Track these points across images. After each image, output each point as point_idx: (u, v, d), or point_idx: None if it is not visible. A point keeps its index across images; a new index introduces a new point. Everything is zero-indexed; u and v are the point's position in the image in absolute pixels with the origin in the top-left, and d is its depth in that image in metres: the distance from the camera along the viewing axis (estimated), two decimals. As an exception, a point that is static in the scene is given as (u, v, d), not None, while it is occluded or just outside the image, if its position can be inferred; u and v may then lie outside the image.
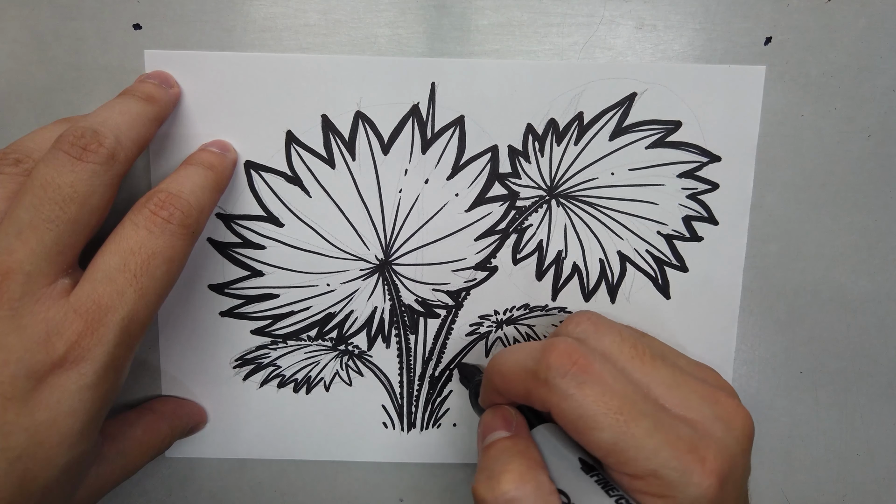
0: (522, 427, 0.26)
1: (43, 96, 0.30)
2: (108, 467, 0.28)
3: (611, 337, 0.26)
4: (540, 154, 0.31)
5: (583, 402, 0.23)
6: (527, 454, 0.25)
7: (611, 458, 0.23)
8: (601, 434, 0.22)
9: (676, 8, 0.30)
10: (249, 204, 0.31)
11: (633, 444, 0.22)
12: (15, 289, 0.22)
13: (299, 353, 0.33)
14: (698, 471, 0.22)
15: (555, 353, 0.24)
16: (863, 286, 0.33)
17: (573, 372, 0.23)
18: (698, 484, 0.22)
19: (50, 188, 0.23)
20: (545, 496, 0.23)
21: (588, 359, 0.24)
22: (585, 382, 0.23)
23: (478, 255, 0.32)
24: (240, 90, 0.30)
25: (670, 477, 0.22)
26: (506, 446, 0.25)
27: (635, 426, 0.22)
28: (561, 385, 0.23)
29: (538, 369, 0.24)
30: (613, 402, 0.23)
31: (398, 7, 0.30)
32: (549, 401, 0.24)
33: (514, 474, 0.23)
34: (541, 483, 0.23)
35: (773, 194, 0.32)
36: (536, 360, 0.24)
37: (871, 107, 0.31)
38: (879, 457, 0.35)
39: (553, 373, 0.23)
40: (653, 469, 0.22)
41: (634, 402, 0.23)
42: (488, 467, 0.24)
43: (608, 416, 0.22)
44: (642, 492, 0.23)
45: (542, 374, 0.24)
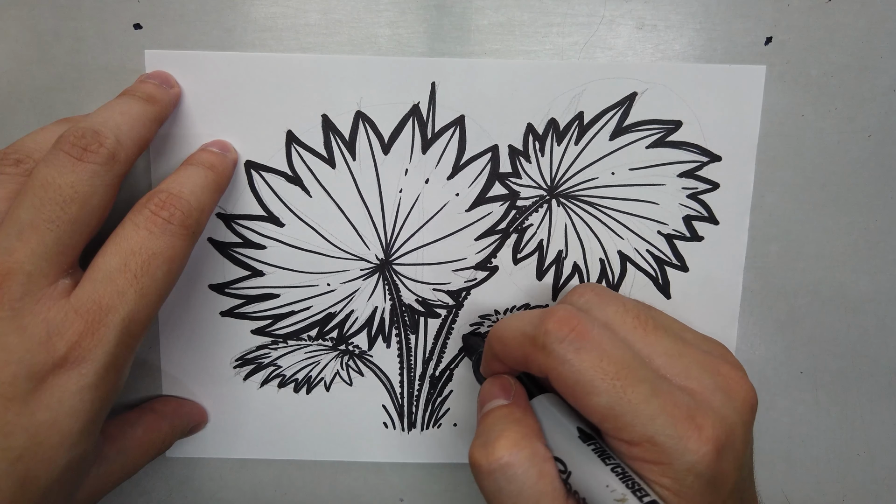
0: (521, 396, 0.26)
1: (43, 96, 0.30)
2: (109, 467, 0.28)
3: (614, 307, 0.26)
4: (540, 154, 0.31)
5: (580, 367, 0.23)
6: (523, 422, 0.25)
7: (607, 423, 0.23)
8: (598, 399, 0.22)
9: (677, 8, 0.30)
10: (250, 204, 0.31)
11: (629, 410, 0.22)
12: (16, 289, 0.22)
13: (300, 352, 0.33)
14: (695, 438, 0.22)
15: (553, 319, 0.24)
16: (863, 286, 0.33)
17: (571, 338, 0.23)
18: (695, 451, 0.22)
19: (51, 189, 0.23)
20: (540, 463, 0.23)
21: (586, 325, 0.24)
22: (583, 348, 0.23)
23: (478, 254, 0.32)
24: (240, 90, 0.30)
25: (666, 444, 0.22)
26: (503, 413, 0.25)
27: (632, 391, 0.22)
28: (558, 350, 0.23)
29: (536, 335, 0.24)
30: (610, 368, 0.23)
31: (398, 7, 0.30)
32: (547, 366, 0.24)
33: (510, 440, 0.24)
34: (536, 450, 0.23)
35: (773, 194, 0.32)
36: (535, 326, 0.24)
37: (871, 107, 0.31)
38: (879, 457, 0.35)
39: (551, 338, 0.23)
40: (649, 435, 0.22)
41: (632, 368, 0.23)
42: (484, 433, 0.25)
43: (605, 381, 0.22)
44: (639, 458, 0.23)
45: (540, 340, 0.24)
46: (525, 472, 0.23)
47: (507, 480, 0.23)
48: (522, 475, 0.23)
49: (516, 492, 0.23)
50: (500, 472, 0.23)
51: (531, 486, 0.23)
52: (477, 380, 0.31)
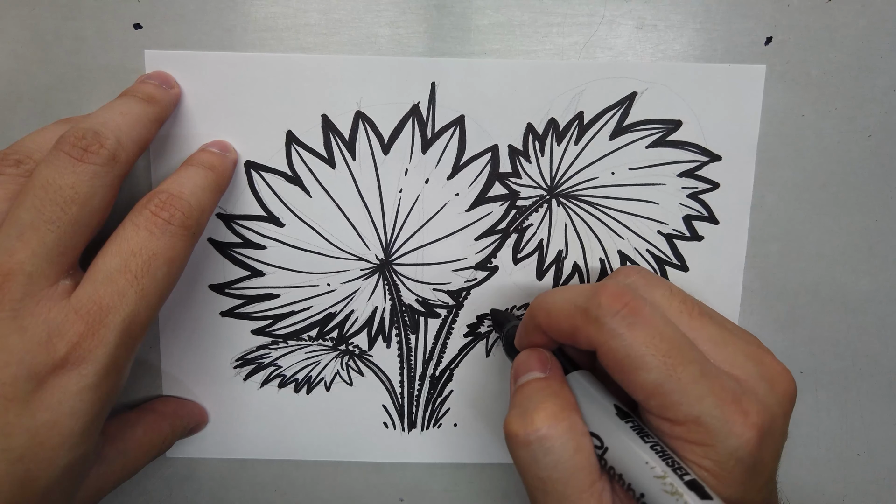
0: (557, 370, 0.26)
1: (43, 96, 0.30)
2: (109, 468, 0.28)
3: (661, 290, 0.26)
4: (540, 154, 0.31)
5: (632, 342, 0.23)
6: (561, 394, 0.25)
7: (653, 400, 0.23)
8: (647, 375, 0.22)
9: (677, 8, 0.30)
10: (250, 204, 0.31)
11: (678, 388, 0.22)
12: (16, 290, 0.22)
13: (300, 353, 0.33)
14: (740, 422, 0.22)
15: (606, 293, 0.24)
16: (863, 286, 0.33)
17: (624, 312, 0.23)
18: (739, 435, 0.22)
19: (51, 189, 0.23)
20: (577, 436, 0.23)
21: (639, 302, 0.23)
22: (636, 324, 0.23)
23: (478, 254, 0.32)
24: (240, 90, 0.30)
25: (712, 425, 0.22)
26: (540, 386, 0.25)
27: (682, 370, 0.22)
28: (611, 324, 0.23)
29: (589, 307, 0.24)
30: (662, 345, 0.23)
31: (398, 7, 0.30)
32: (598, 339, 0.23)
33: (548, 412, 0.24)
34: (574, 423, 0.23)
35: (773, 194, 0.32)
36: (587, 298, 0.24)
37: (871, 107, 0.31)
38: (879, 457, 0.35)
39: (604, 311, 0.23)
40: (695, 415, 0.22)
41: (683, 348, 0.23)
42: (521, 404, 0.25)
43: (656, 357, 0.22)
44: (681, 438, 0.22)
45: (593, 312, 0.23)
46: (563, 444, 0.23)
47: (544, 452, 0.23)
48: (560, 447, 0.23)
49: (552, 464, 0.23)
50: (538, 444, 0.23)
51: (568, 459, 0.23)
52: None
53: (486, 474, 0.35)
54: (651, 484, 0.22)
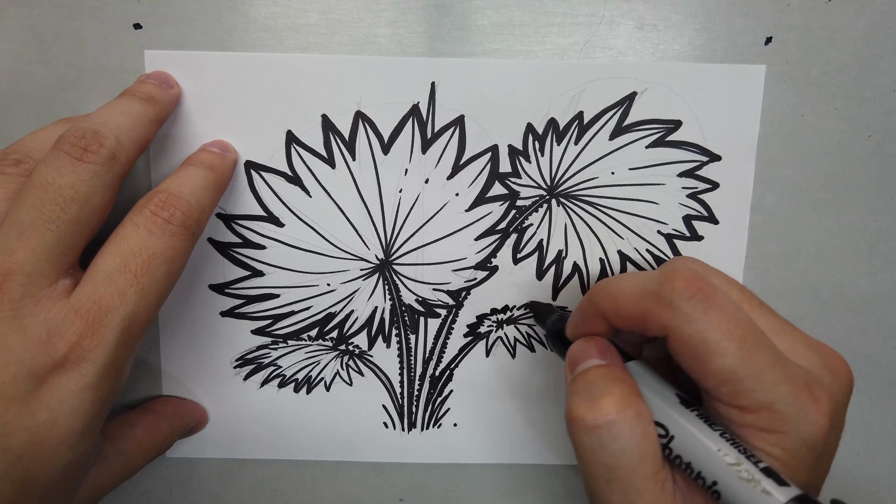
0: (617, 358, 0.26)
1: (43, 96, 0.30)
2: (109, 467, 0.28)
3: (720, 279, 0.26)
4: (540, 153, 0.31)
5: (708, 327, 0.22)
6: (626, 381, 0.24)
7: (726, 387, 0.22)
8: (722, 361, 0.22)
9: (677, 8, 0.30)
10: (250, 204, 0.31)
11: (753, 375, 0.22)
12: (16, 289, 0.22)
13: (300, 352, 0.33)
14: (813, 409, 0.22)
15: (680, 278, 0.23)
16: (863, 286, 0.33)
17: (699, 297, 0.23)
18: (813, 421, 0.22)
19: (51, 189, 0.23)
20: (644, 423, 0.23)
21: (712, 286, 0.23)
22: (711, 308, 0.23)
23: (478, 254, 0.32)
24: (240, 90, 0.30)
25: (786, 412, 0.22)
26: (604, 372, 0.25)
27: (758, 356, 0.22)
28: (685, 308, 0.23)
29: (662, 291, 0.23)
30: (737, 331, 0.22)
31: (398, 7, 0.30)
32: (671, 323, 0.23)
33: (616, 398, 0.23)
34: (641, 410, 0.23)
35: (773, 194, 0.32)
36: (660, 283, 0.23)
37: (871, 107, 0.31)
38: (879, 457, 0.35)
39: (678, 295, 0.23)
40: (769, 402, 0.22)
41: (756, 334, 0.23)
42: (586, 390, 0.24)
43: (732, 343, 0.22)
44: (752, 426, 0.22)
45: (667, 297, 0.23)
46: (631, 430, 0.23)
47: (612, 438, 0.23)
48: (628, 433, 0.23)
49: (619, 451, 0.23)
50: (606, 429, 0.23)
51: (635, 446, 0.23)
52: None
53: (486, 474, 0.35)
54: (725, 471, 0.21)
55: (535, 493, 0.35)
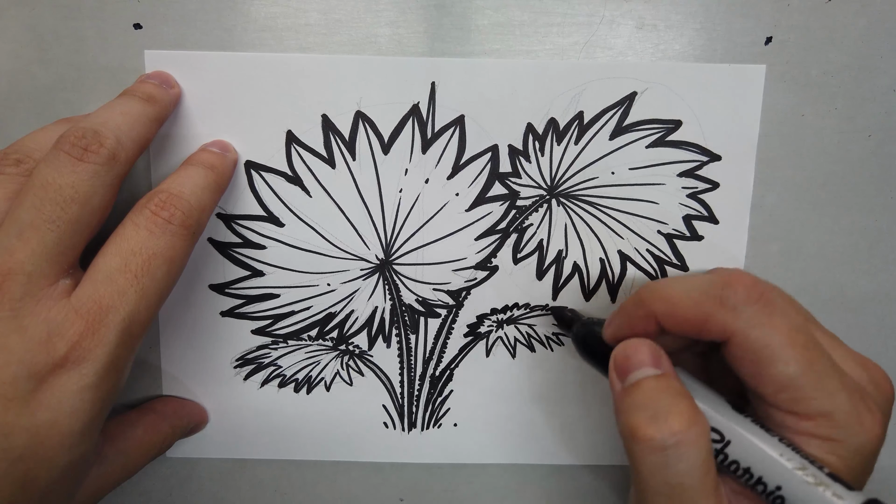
0: (670, 365, 0.25)
1: (43, 96, 0.30)
2: (109, 467, 0.28)
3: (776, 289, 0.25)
4: (540, 153, 0.31)
5: (771, 332, 0.22)
6: (686, 396, 0.23)
7: (785, 393, 0.22)
8: (785, 367, 0.22)
9: (677, 7, 0.30)
10: (250, 204, 0.31)
11: (813, 382, 0.22)
12: (16, 289, 0.22)
13: (300, 352, 0.33)
14: (869, 419, 0.22)
15: (743, 283, 0.23)
16: (863, 286, 0.33)
17: (762, 302, 0.23)
18: (869, 431, 0.22)
19: (51, 189, 0.23)
20: (708, 442, 0.23)
21: (773, 293, 0.23)
22: (774, 314, 0.23)
23: (478, 254, 0.32)
24: (240, 90, 0.30)
25: (844, 421, 0.22)
26: (664, 385, 0.24)
27: (819, 365, 0.22)
28: (749, 313, 0.23)
29: (725, 295, 0.23)
30: (800, 338, 0.22)
31: (398, 7, 0.30)
32: (733, 327, 0.23)
33: (685, 416, 0.22)
34: (706, 428, 0.23)
35: (773, 194, 0.32)
36: (722, 287, 0.23)
37: (871, 106, 0.31)
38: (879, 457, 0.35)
39: (741, 299, 0.23)
40: (828, 410, 0.22)
41: (816, 342, 0.23)
42: (649, 406, 0.23)
43: (795, 350, 0.22)
44: (808, 433, 0.22)
45: (731, 300, 0.23)
46: (698, 450, 0.22)
47: (679, 458, 0.22)
48: (696, 453, 0.22)
49: (686, 471, 0.22)
50: (674, 449, 0.22)
51: (700, 465, 0.22)
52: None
53: (486, 474, 0.35)
54: (791, 476, 0.21)
55: (535, 493, 0.35)
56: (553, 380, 0.34)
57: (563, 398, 0.34)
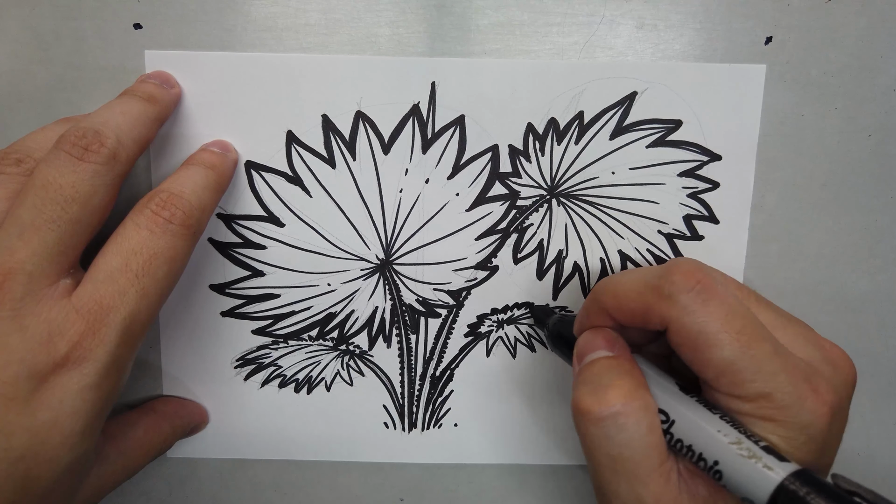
0: (625, 349, 0.26)
1: (43, 96, 0.30)
2: (110, 467, 0.28)
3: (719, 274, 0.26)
4: (540, 153, 0.31)
5: (706, 319, 0.23)
6: (633, 373, 0.25)
7: (724, 377, 0.23)
8: (721, 352, 0.22)
9: (677, 7, 0.30)
10: (250, 204, 0.31)
11: (751, 366, 0.22)
12: (17, 289, 0.22)
13: (300, 353, 0.33)
14: (812, 399, 0.22)
15: (679, 271, 0.24)
16: (863, 286, 0.33)
17: (697, 289, 0.23)
18: (812, 410, 0.22)
19: (52, 188, 0.23)
20: (650, 415, 0.23)
21: (711, 279, 0.24)
22: (709, 301, 0.23)
23: (478, 254, 0.32)
24: (240, 90, 0.30)
25: (785, 401, 0.22)
26: (611, 364, 0.25)
27: (756, 348, 0.22)
28: (684, 300, 0.23)
29: (661, 284, 0.24)
30: (736, 322, 0.23)
31: (398, 7, 0.30)
32: (670, 315, 0.23)
33: (623, 390, 0.24)
34: (647, 402, 0.24)
35: (773, 194, 0.32)
36: (659, 277, 0.24)
37: (871, 106, 0.31)
38: (879, 457, 0.35)
39: (677, 288, 0.23)
40: (767, 392, 0.22)
41: (755, 325, 0.23)
42: (592, 381, 0.25)
43: (730, 335, 0.22)
44: (749, 415, 0.23)
45: (666, 290, 0.24)
46: (637, 422, 0.23)
47: (618, 429, 0.23)
48: (634, 425, 0.23)
49: (625, 442, 0.23)
50: (612, 420, 0.23)
51: (641, 438, 0.23)
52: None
53: (486, 474, 0.35)
54: (726, 451, 0.22)
55: (535, 493, 0.35)
56: (553, 380, 0.34)
57: (563, 398, 0.34)
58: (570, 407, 0.34)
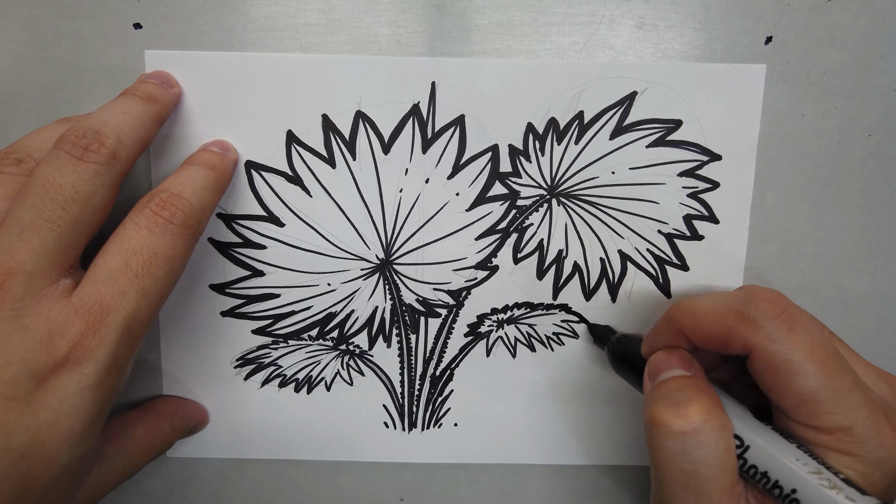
0: (700, 370, 0.26)
1: (43, 96, 0.30)
2: (110, 467, 0.28)
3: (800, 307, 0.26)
4: (540, 153, 0.31)
5: (791, 347, 0.23)
6: (711, 393, 0.25)
7: (804, 408, 0.23)
8: (804, 381, 0.22)
9: (677, 7, 0.30)
10: (250, 204, 0.31)
11: (833, 397, 0.22)
12: (17, 289, 0.22)
13: (300, 352, 0.33)
14: (890, 436, 0.22)
15: (765, 298, 0.24)
16: (863, 286, 0.33)
17: (784, 317, 0.23)
18: (890, 448, 0.22)
19: (52, 188, 0.23)
20: (728, 436, 0.23)
21: (796, 309, 0.24)
22: (795, 329, 0.23)
23: (478, 254, 0.32)
24: (240, 90, 0.30)
25: (864, 436, 0.22)
26: (690, 383, 0.25)
27: (839, 380, 0.22)
28: (770, 327, 0.23)
29: (746, 310, 0.24)
30: (820, 353, 0.23)
31: (398, 6, 0.30)
32: (754, 341, 0.23)
33: (704, 407, 0.24)
34: (726, 423, 0.24)
35: (773, 194, 0.32)
36: (744, 302, 0.24)
37: (871, 106, 0.31)
38: None
39: (763, 314, 0.23)
40: (847, 425, 0.22)
41: (838, 357, 0.23)
42: (671, 395, 0.24)
43: (814, 365, 0.22)
44: (827, 447, 0.22)
45: (752, 315, 0.24)
46: (716, 441, 0.23)
47: (696, 446, 0.23)
48: (712, 443, 0.23)
49: (701, 459, 0.23)
50: (691, 436, 0.23)
51: (718, 457, 0.23)
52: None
53: (486, 474, 0.35)
54: (805, 480, 0.22)
55: (535, 493, 0.35)
56: (553, 380, 0.34)
57: (563, 398, 0.34)
58: (570, 407, 0.34)
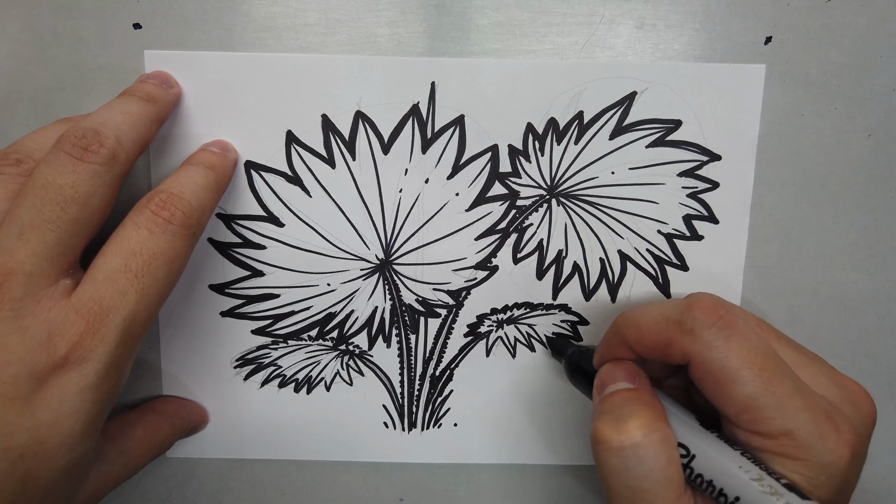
0: (646, 382, 0.26)
1: (43, 96, 0.30)
2: (110, 467, 0.28)
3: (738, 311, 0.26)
4: (540, 153, 0.31)
5: (728, 355, 0.23)
6: (653, 406, 0.25)
7: (745, 414, 0.23)
8: (742, 388, 0.22)
9: (676, 7, 0.30)
10: (250, 204, 0.31)
11: (772, 403, 0.22)
12: (16, 289, 0.22)
13: (300, 352, 0.33)
14: (834, 438, 0.22)
15: (701, 306, 0.24)
16: (863, 286, 0.33)
17: (719, 325, 0.23)
18: (833, 451, 0.22)
19: (51, 189, 0.23)
20: (670, 448, 0.23)
21: (733, 315, 0.24)
22: (731, 337, 0.23)
23: (478, 254, 0.32)
24: (240, 90, 0.30)
25: (806, 440, 0.22)
26: (632, 395, 0.25)
27: (778, 385, 0.22)
28: (707, 336, 0.23)
29: (683, 319, 0.24)
30: (758, 359, 0.23)
31: (398, 6, 0.30)
32: (692, 350, 0.24)
33: (643, 420, 0.24)
34: (667, 434, 0.24)
35: (773, 194, 0.32)
36: (681, 312, 0.24)
37: (871, 106, 0.31)
38: (879, 457, 0.35)
39: (699, 323, 0.23)
40: (789, 429, 0.22)
41: (777, 362, 0.23)
42: (612, 411, 0.25)
43: (752, 371, 0.22)
44: (770, 451, 0.23)
45: (688, 324, 0.24)
46: (656, 454, 0.23)
47: (637, 461, 0.23)
48: (653, 457, 0.23)
49: (644, 473, 0.23)
50: (631, 451, 0.23)
51: (660, 470, 0.23)
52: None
53: (486, 474, 0.35)
54: (747, 486, 0.22)
55: (535, 493, 0.35)
56: (553, 379, 0.34)
57: (563, 398, 0.34)
58: (569, 407, 0.34)
